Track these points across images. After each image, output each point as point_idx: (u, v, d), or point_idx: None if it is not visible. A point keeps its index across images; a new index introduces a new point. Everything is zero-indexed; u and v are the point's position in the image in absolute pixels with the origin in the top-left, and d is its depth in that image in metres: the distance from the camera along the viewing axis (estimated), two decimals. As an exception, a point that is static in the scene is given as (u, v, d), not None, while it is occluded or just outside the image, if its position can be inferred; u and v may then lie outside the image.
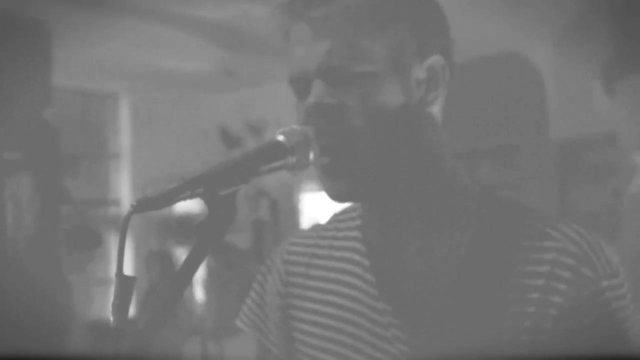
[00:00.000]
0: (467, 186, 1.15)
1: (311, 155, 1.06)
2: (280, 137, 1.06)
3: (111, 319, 0.97)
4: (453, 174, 1.15)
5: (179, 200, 0.98)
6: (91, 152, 6.51)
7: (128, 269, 6.39)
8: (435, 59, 1.13)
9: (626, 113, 5.07)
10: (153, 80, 6.30)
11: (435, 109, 1.15)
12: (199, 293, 6.22)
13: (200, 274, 6.28)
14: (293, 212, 6.80)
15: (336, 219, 1.26)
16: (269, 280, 1.27)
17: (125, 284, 0.98)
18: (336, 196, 1.11)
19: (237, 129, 6.85)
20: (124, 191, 6.42)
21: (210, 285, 6.10)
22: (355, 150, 1.08)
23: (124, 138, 6.62)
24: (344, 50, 1.08)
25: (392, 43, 1.10)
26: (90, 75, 6.19)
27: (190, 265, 0.98)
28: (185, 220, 6.41)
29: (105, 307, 6.47)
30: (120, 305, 0.97)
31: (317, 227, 1.29)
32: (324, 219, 1.29)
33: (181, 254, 6.45)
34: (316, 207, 6.52)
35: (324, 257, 1.23)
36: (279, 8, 1.13)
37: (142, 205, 0.96)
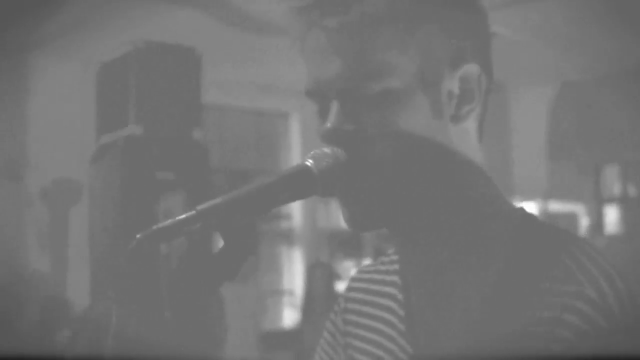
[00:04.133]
0: (503, 212, 1.01)
1: (341, 183, 0.95)
2: (309, 162, 0.95)
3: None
4: (489, 198, 1.01)
5: (189, 232, 0.90)
6: (264, 168, 6.75)
7: (297, 280, 6.55)
8: (470, 68, 0.98)
9: None
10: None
11: (471, 124, 1.00)
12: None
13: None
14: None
15: (386, 254, 1.17)
16: (336, 319, 1.19)
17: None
18: (353, 224, 0.99)
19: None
20: (295, 206, 6.61)
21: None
22: (378, 180, 0.95)
23: (294, 154, 6.81)
24: (360, 67, 0.94)
25: (420, 53, 0.95)
26: (263, 95, 6.44)
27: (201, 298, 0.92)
28: (354, 234, 6.51)
29: (277, 317, 6.68)
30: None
31: (376, 262, 1.19)
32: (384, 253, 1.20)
33: (349, 266, 6.55)
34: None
35: (373, 293, 1.14)
36: (295, 10, 0.99)
37: (147, 238, 0.88)
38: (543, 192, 6.22)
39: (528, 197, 5.98)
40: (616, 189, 6.60)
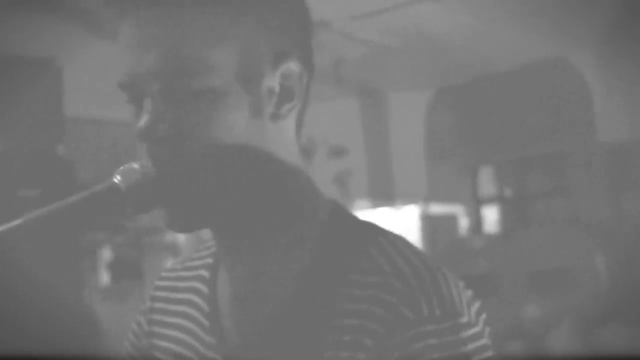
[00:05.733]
0: (314, 206, 1.00)
1: (151, 198, 0.93)
2: (117, 178, 0.93)
3: None
4: (303, 192, 1.00)
5: (20, 240, 0.87)
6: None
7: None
8: (291, 66, 0.96)
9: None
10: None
11: (289, 121, 0.98)
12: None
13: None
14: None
15: (197, 250, 1.15)
16: (141, 320, 1.16)
17: None
18: (172, 226, 0.96)
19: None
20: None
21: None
22: (194, 181, 0.92)
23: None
24: (177, 62, 0.90)
25: (240, 49, 0.92)
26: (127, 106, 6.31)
27: None
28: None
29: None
30: None
31: (183, 259, 1.17)
32: (198, 249, 1.17)
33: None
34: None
35: (179, 290, 1.11)
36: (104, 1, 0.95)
37: None
38: (423, 195, 6.33)
39: (409, 200, 6.07)
40: (492, 189, 6.78)
